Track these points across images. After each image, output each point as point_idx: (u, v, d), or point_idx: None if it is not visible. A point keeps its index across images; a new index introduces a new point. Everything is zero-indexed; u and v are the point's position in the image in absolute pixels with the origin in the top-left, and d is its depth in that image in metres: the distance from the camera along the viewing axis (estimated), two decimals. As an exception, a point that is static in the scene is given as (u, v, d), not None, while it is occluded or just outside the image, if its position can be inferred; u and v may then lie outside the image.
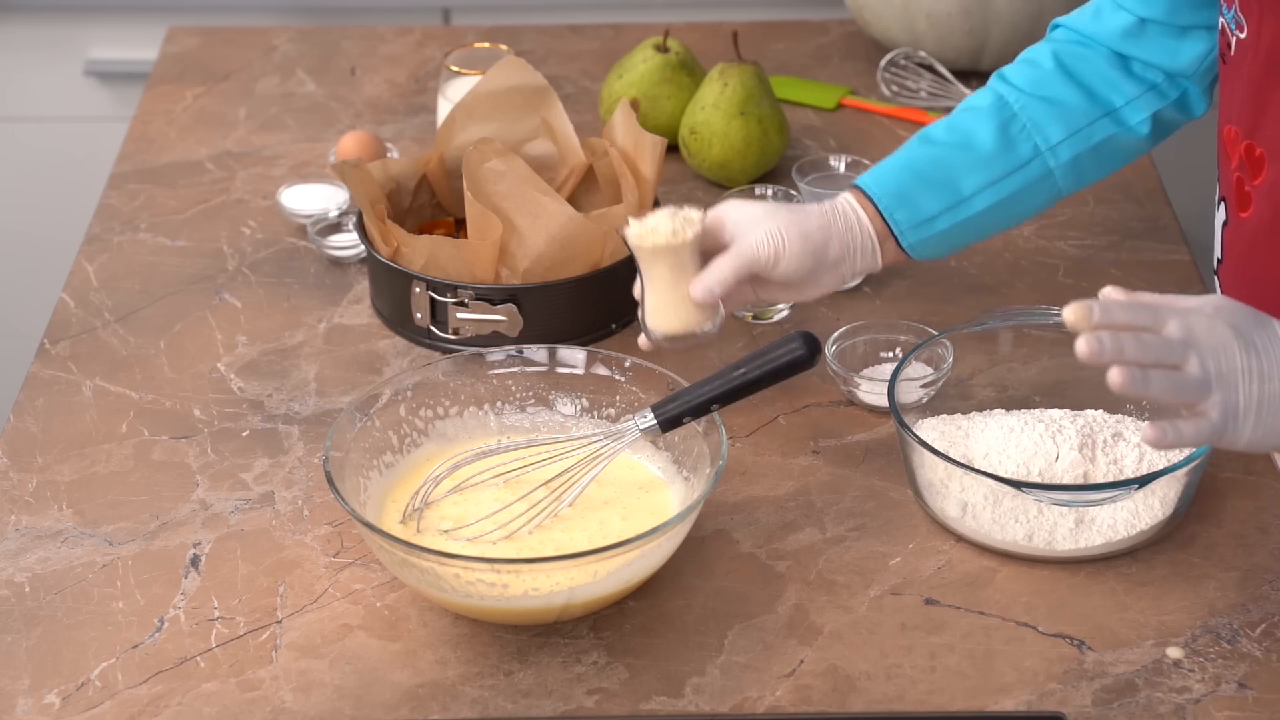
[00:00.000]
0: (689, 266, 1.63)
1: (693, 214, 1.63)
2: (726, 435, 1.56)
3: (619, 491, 1.60)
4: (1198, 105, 1.73)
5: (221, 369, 1.81)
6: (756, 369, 1.55)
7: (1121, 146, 1.73)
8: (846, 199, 1.69)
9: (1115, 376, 1.35)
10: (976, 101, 1.72)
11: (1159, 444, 1.37)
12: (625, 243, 1.64)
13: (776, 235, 1.63)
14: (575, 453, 1.57)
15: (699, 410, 1.56)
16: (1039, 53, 1.74)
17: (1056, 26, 1.76)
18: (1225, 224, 1.65)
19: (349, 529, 1.62)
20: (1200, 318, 1.39)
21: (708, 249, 1.65)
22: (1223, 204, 1.66)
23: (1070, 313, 1.39)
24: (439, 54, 2.34)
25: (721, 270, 1.63)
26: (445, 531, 1.54)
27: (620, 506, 1.58)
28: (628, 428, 1.57)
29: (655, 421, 1.56)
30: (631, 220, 1.63)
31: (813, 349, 1.55)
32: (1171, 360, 1.37)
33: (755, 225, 1.64)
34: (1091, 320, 1.38)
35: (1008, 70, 1.74)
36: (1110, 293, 1.41)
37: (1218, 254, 1.68)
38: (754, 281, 1.66)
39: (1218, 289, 1.69)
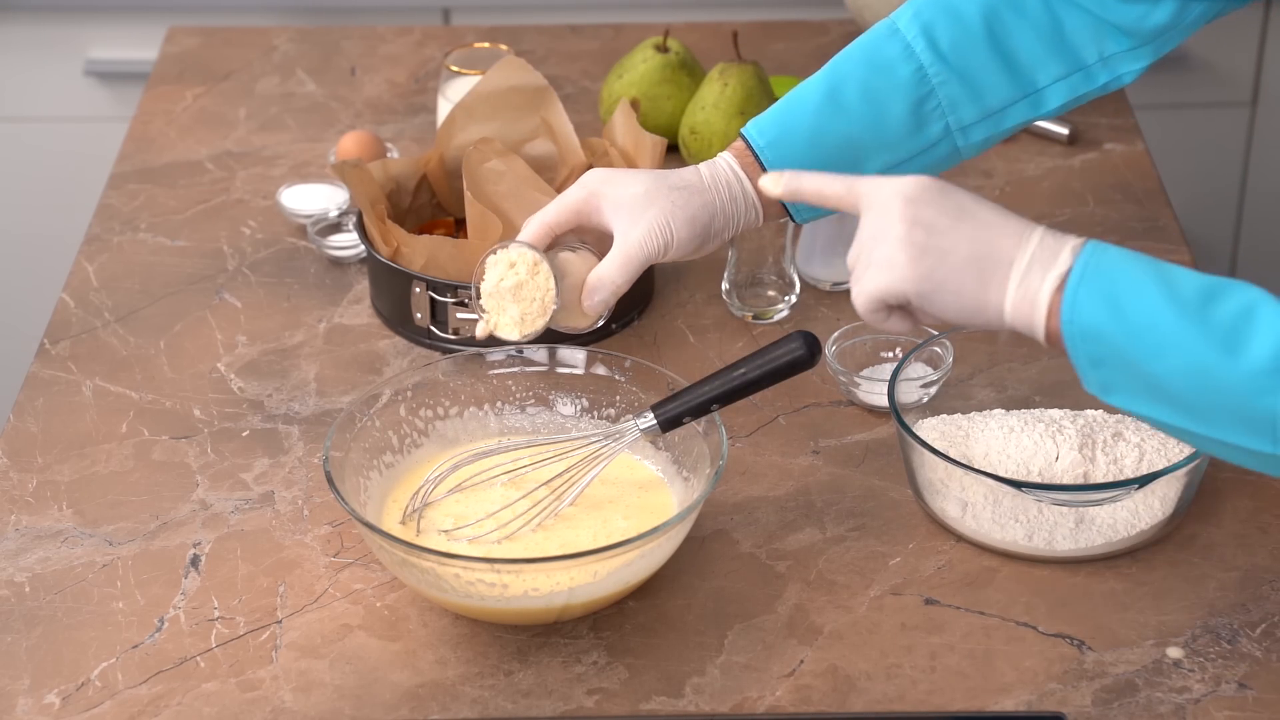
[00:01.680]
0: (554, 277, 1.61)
1: (527, 254, 1.60)
2: (726, 435, 1.56)
3: (620, 491, 1.60)
4: (1125, 80, 1.65)
5: (221, 369, 1.81)
6: (756, 369, 1.55)
7: (1029, 121, 1.67)
8: (731, 166, 1.63)
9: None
10: (894, 62, 1.62)
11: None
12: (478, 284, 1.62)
13: (664, 227, 1.59)
14: (575, 453, 1.57)
15: (699, 410, 1.56)
16: (968, 7, 1.63)
17: None
18: None
19: (349, 529, 1.62)
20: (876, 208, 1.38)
21: (587, 227, 1.62)
22: None
23: (763, 181, 1.44)
24: (439, 54, 2.34)
25: (613, 279, 1.59)
26: (445, 531, 1.54)
27: (622, 506, 1.58)
28: (628, 428, 1.57)
29: (655, 422, 1.56)
30: (489, 262, 1.61)
31: (813, 349, 1.55)
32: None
33: (638, 217, 1.59)
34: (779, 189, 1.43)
35: (935, 22, 1.62)
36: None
37: None
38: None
39: None
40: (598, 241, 1.64)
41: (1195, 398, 1.31)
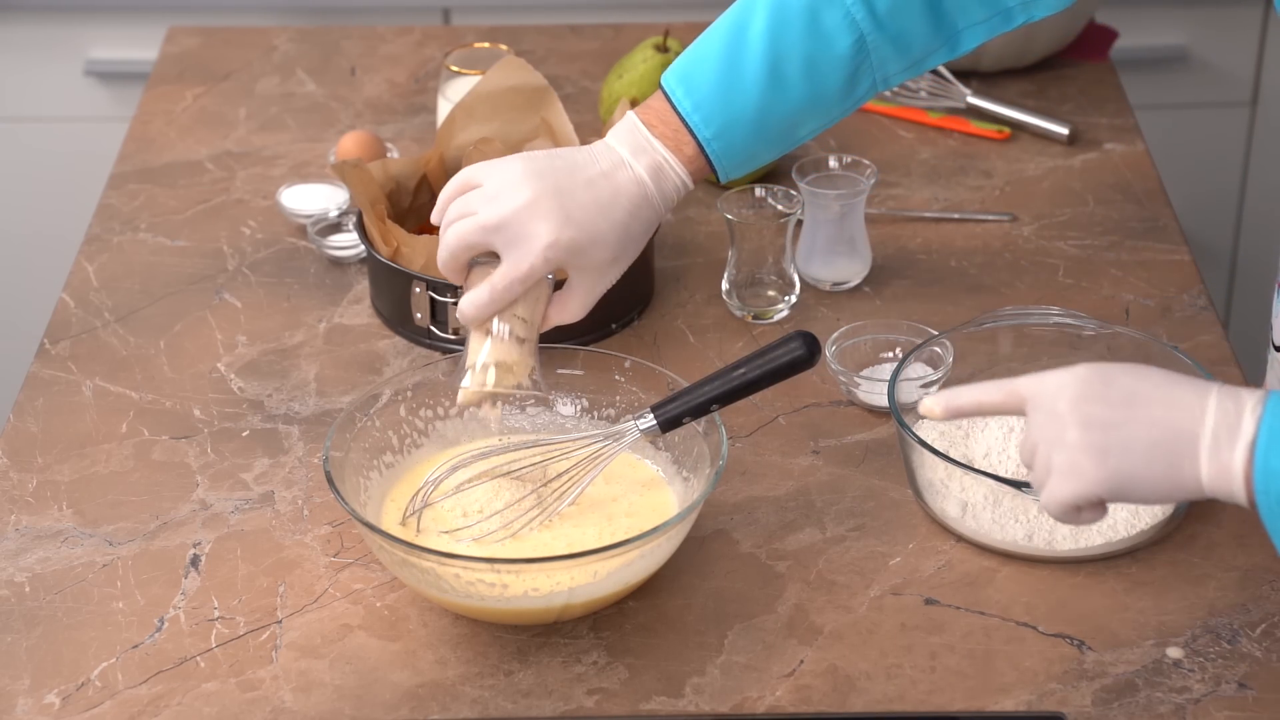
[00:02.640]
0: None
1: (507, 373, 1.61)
2: (726, 435, 1.56)
3: (623, 489, 1.60)
4: (1035, 16, 1.65)
5: (221, 369, 1.81)
6: (756, 369, 1.55)
7: (944, 62, 1.69)
8: (679, 175, 1.62)
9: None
10: (836, 36, 1.62)
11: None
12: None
13: (621, 269, 1.62)
14: (575, 453, 1.57)
15: (699, 410, 1.56)
16: None
17: None
18: None
19: (349, 529, 1.62)
20: (1039, 411, 1.37)
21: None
22: None
23: (923, 408, 1.44)
24: (439, 54, 2.34)
25: (575, 316, 1.63)
26: (447, 532, 1.54)
27: (625, 503, 1.58)
28: (627, 428, 1.57)
29: (655, 422, 1.56)
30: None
31: (812, 349, 1.55)
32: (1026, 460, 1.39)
33: (604, 277, 1.62)
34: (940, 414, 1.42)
35: None
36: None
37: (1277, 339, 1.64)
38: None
39: (1276, 365, 1.66)
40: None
41: None
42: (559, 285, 1.64)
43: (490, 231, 1.58)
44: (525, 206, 1.57)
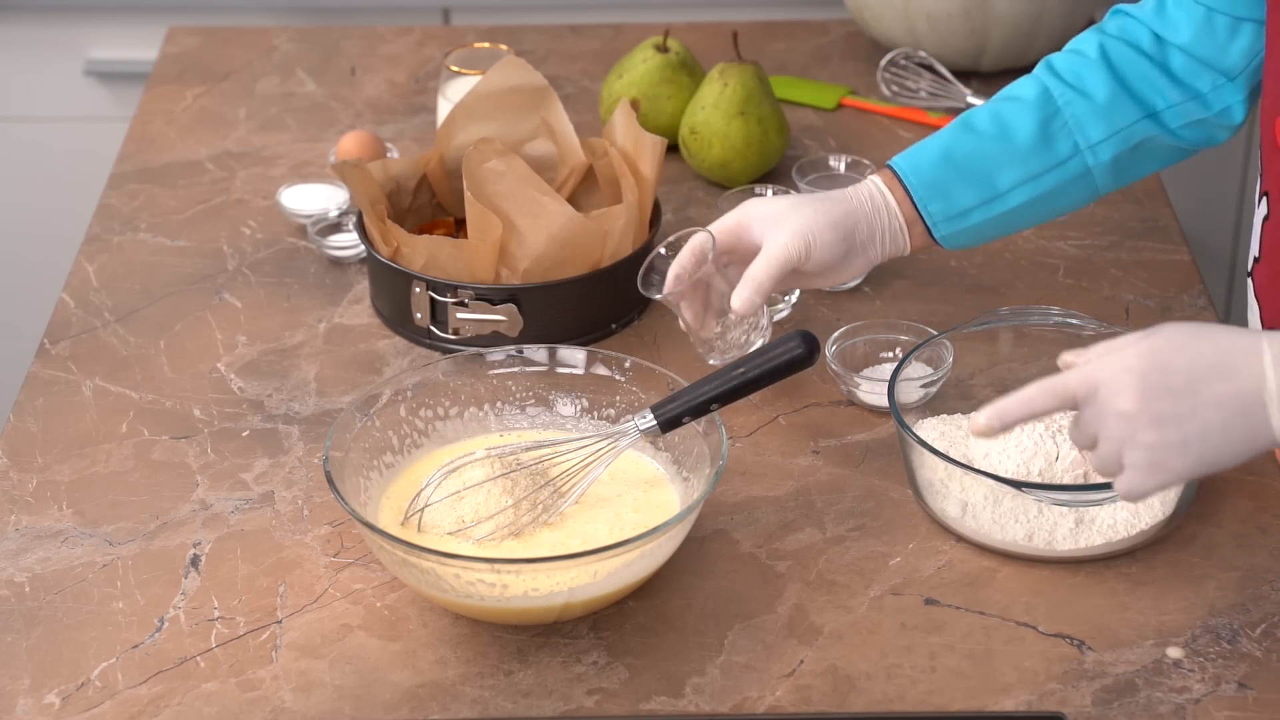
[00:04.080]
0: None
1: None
2: (726, 435, 1.56)
3: (626, 487, 1.60)
4: (1238, 113, 1.70)
5: (221, 369, 1.81)
6: (755, 368, 1.55)
7: (1161, 149, 1.71)
8: (875, 183, 1.69)
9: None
10: (1021, 92, 1.71)
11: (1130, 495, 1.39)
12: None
13: (806, 231, 1.65)
14: (575, 454, 1.57)
15: (699, 410, 1.56)
16: (1087, 43, 1.71)
17: (1116, 13, 1.73)
18: (1266, 219, 1.64)
19: (349, 529, 1.62)
20: (1105, 389, 1.37)
21: (740, 248, 1.68)
22: (1264, 199, 1.63)
23: (976, 429, 1.42)
24: (439, 54, 2.34)
25: (758, 278, 1.65)
26: (452, 534, 1.54)
27: (630, 500, 1.58)
28: (627, 428, 1.57)
29: (655, 422, 1.56)
30: None
31: (811, 348, 1.55)
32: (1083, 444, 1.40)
33: (783, 223, 1.66)
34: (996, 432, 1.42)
35: (1055, 59, 1.72)
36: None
37: (1255, 253, 1.66)
38: (789, 275, 1.68)
39: (1250, 290, 1.67)
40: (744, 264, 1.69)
41: None
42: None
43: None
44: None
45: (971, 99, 2.19)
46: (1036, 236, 1.98)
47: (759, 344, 1.77)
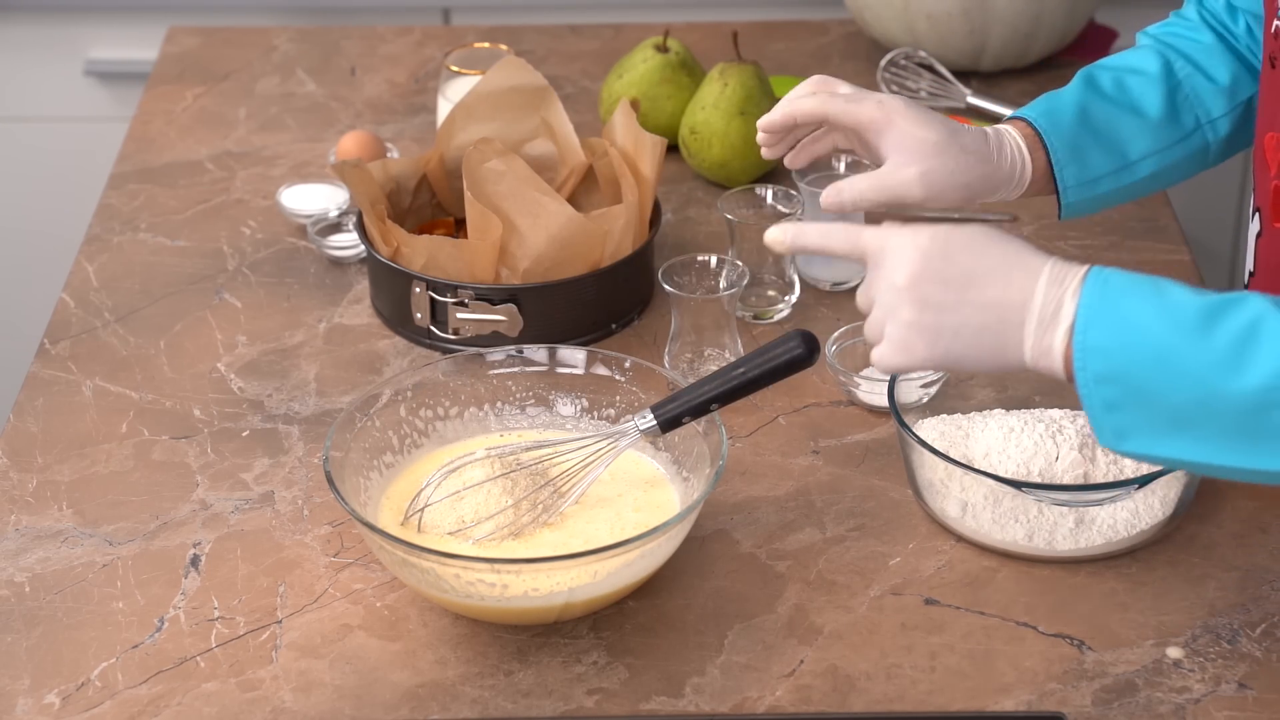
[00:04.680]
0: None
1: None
2: (726, 435, 1.56)
3: (627, 486, 1.60)
4: None
5: (221, 369, 1.81)
6: (755, 368, 1.55)
7: (1249, 132, 1.71)
8: (1017, 141, 1.63)
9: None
10: (1141, 64, 1.69)
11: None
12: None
13: (939, 182, 1.58)
14: (575, 454, 1.57)
15: (698, 410, 1.56)
16: (1193, 28, 1.71)
17: (1190, 3, 1.74)
18: (1259, 235, 1.63)
19: (349, 529, 1.62)
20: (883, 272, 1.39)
21: (860, 142, 1.62)
22: (1257, 215, 1.63)
23: (769, 236, 1.45)
24: (439, 54, 2.34)
25: (861, 193, 1.58)
26: (452, 534, 1.54)
27: (631, 499, 1.58)
28: (627, 428, 1.57)
29: (655, 422, 1.56)
30: None
31: (811, 347, 1.55)
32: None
33: (921, 158, 1.58)
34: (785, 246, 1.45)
35: (1166, 35, 1.71)
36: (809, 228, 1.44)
37: (1249, 267, 1.65)
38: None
39: None
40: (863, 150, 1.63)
41: (1208, 423, 1.31)
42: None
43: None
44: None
45: (971, 99, 2.19)
46: (1036, 237, 1.98)
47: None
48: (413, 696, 1.47)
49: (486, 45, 2.07)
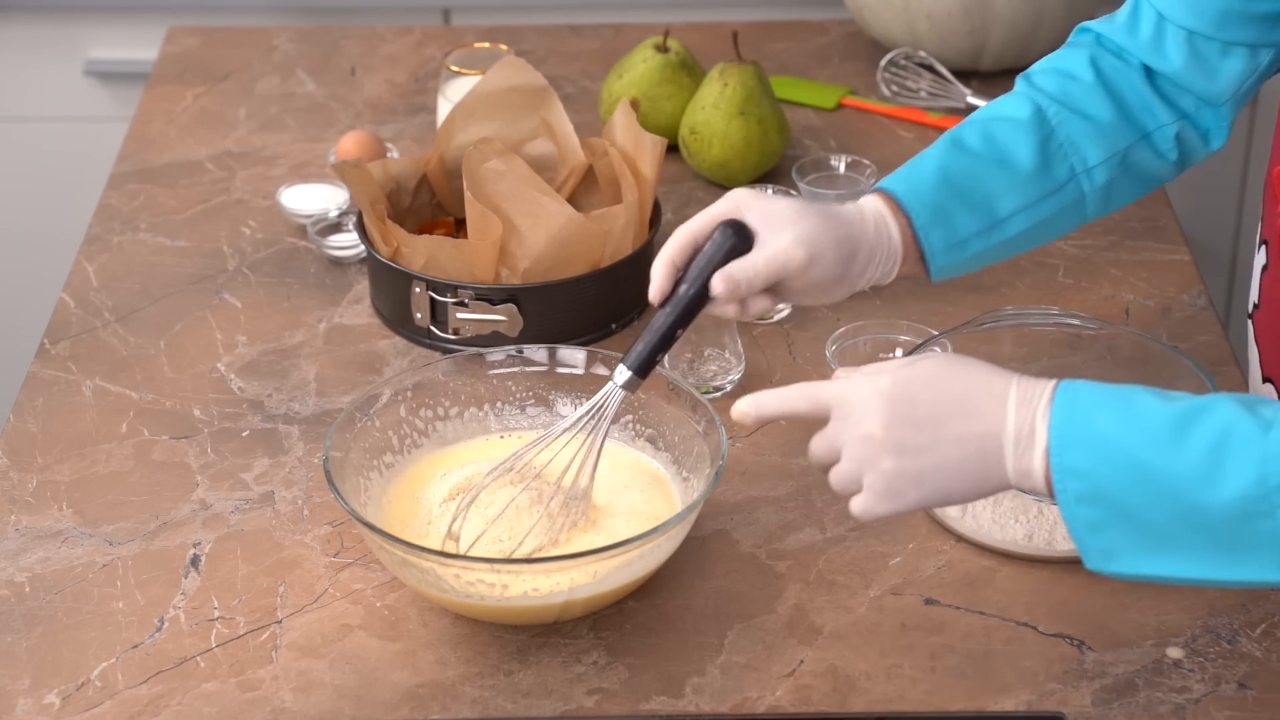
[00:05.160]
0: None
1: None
2: (726, 435, 1.56)
3: (633, 476, 1.60)
4: (1218, 137, 1.64)
5: (221, 369, 1.81)
6: (699, 276, 1.50)
7: (1149, 173, 1.65)
8: (878, 207, 1.57)
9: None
10: (1012, 112, 1.61)
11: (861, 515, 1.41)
12: None
13: (812, 241, 1.52)
14: (574, 438, 1.55)
15: (666, 342, 1.51)
16: (1075, 63, 1.63)
17: (1084, 31, 1.66)
18: (1265, 269, 1.61)
19: (349, 529, 1.62)
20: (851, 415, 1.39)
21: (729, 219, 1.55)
22: (1264, 248, 1.61)
23: (735, 412, 1.44)
24: (439, 54, 2.34)
25: (752, 269, 1.51)
26: (498, 562, 1.48)
27: (637, 490, 1.59)
28: (610, 391, 1.53)
29: (631, 373, 1.52)
30: None
31: (742, 234, 1.50)
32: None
33: (787, 226, 1.52)
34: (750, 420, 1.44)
35: (1040, 79, 1.63)
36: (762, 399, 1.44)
37: (1254, 299, 1.63)
38: (773, 286, 1.55)
39: (1250, 334, 1.66)
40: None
41: (1192, 537, 1.31)
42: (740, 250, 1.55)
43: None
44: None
45: (972, 99, 2.19)
46: (1036, 236, 1.98)
47: (733, 378, 1.76)
48: (413, 696, 1.47)
49: (486, 45, 2.07)
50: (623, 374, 1.53)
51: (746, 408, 1.43)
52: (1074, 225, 1.65)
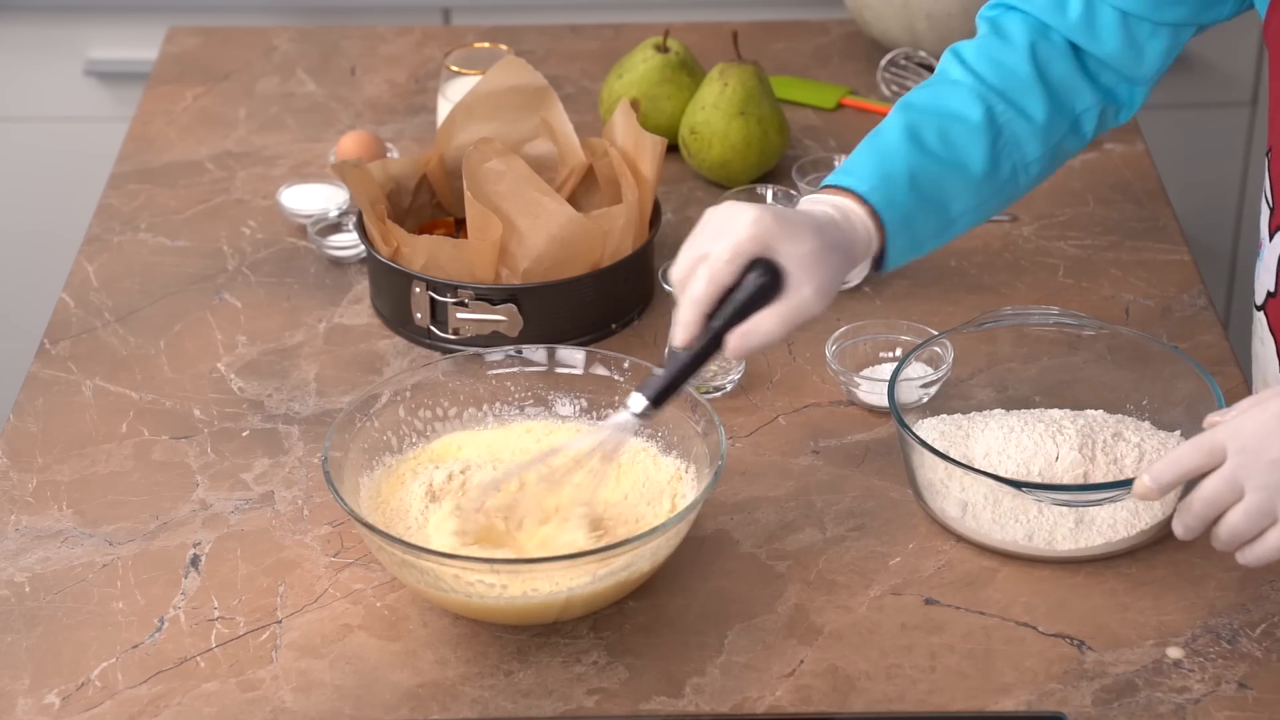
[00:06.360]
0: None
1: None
2: (726, 435, 1.56)
3: (633, 479, 1.60)
4: (1130, 111, 1.67)
5: (221, 369, 1.81)
6: (728, 311, 1.47)
7: (1069, 154, 1.68)
8: (865, 221, 1.56)
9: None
10: (967, 113, 1.61)
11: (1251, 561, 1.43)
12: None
13: (830, 290, 1.50)
14: (580, 452, 1.54)
15: (685, 378, 1.49)
16: (1013, 55, 1.64)
17: (1010, 9, 1.66)
18: None
19: (349, 529, 1.62)
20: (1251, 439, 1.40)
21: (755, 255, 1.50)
22: (1278, 235, 1.62)
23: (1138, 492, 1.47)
24: (439, 54, 2.34)
25: (769, 329, 1.48)
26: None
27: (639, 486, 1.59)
28: (624, 420, 1.51)
29: (647, 401, 1.50)
30: None
31: (773, 272, 1.48)
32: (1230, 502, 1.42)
33: (810, 275, 1.49)
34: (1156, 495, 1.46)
35: (979, 65, 1.63)
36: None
37: (1269, 287, 1.64)
38: None
39: (1263, 325, 1.65)
40: None
41: None
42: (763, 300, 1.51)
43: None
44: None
45: (971, 99, 2.19)
46: (1036, 236, 1.98)
47: (733, 378, 1.76)
48: (413, 696, 1.47)
49: (486, 45, 2.07)
50: (639, 403, 1.49)
51: (1149, 484, 1.45)
52: (1002, 209, 1.69)
